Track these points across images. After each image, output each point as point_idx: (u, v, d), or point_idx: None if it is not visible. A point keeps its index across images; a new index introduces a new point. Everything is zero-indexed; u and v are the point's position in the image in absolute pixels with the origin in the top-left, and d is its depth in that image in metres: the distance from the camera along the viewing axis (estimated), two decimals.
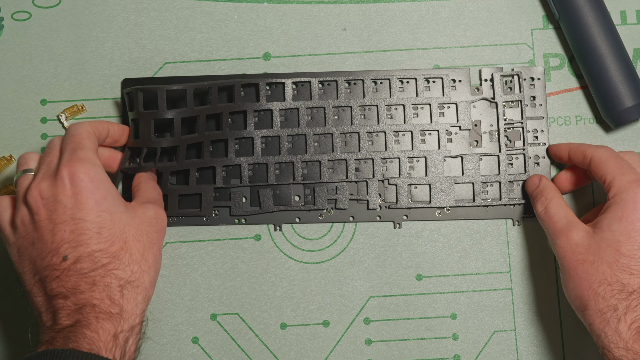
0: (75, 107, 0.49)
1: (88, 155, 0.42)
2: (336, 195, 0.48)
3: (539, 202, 0.45)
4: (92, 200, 0.40)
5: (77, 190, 0.40)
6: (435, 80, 0.48)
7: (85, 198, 0.40)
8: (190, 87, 0.45)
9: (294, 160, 0.48)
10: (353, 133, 0.48)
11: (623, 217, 0.40)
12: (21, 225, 0.41)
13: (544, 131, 0.48)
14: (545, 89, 0.49)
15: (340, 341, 0.48)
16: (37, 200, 0.40)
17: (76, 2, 0.50)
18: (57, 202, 0.40)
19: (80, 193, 0.40)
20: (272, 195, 0.48)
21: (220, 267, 0.48)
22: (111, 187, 0.42)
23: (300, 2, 0.50)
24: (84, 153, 0.41)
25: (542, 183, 0.46)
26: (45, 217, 0.40)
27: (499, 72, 0.48)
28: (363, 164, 0.48)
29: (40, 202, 0.40)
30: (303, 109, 0.48)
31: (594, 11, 0.47)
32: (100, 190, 0.41)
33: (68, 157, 0.41)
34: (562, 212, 0.43)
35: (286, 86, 0.48)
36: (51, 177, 0.41)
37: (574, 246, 0.41)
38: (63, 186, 0.40)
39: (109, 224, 0.40)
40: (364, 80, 0.48)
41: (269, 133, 0.48)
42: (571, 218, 0.43)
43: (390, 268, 0.48)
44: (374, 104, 0.48)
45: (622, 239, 0.40)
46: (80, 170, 0.40)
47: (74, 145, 0.42)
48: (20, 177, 0.43)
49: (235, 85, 0.47)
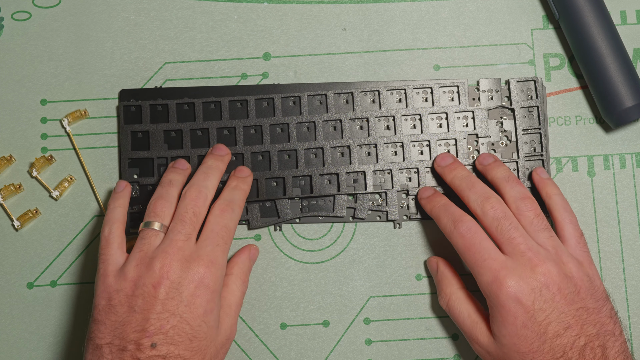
0: (79, 112, 0.49)
1: (224, 264, 0.42)
2: (355, 204, 0.48)
3: (440, 295, 0.45)
4: (202, 309, 0.40)
5: (198, 293, 0.40)
6: (445, 90, 0.48)
7: (200, 304, 0.40)
8: (197, 102, 0.48)
9: (312, 173, 0.47)
10: (371, 144, 0.48)
11: (504, 322, 0.40)
12: (130, 285, 0.40)
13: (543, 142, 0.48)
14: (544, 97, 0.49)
15: (340, 341, 0.48)
16: (162, 277, 0.39)
17: (76, 2, 0.50)
18: (177, 293, 0.39)
19: (199, 297, 0.40)
20: (290, 204, 0.48)
21: None
22: (219, 301, 0.42)
23: (300, 2, 0.50)
24: (223, 260, 0.41)
25: (439, 271, 0.46)
26: (160, 297, 0.39)
27: (514, 80, 0.48)
28: (380, 175, 0.48)
29: (165, 282, 0.39)
30: (320, 121, 0.48)
31: (594, 11, 0.47)
32: (213, 302, 0.41)
33: (210, 254, 0.41)
34: (465, 310, 0.43)
35: (302, 100, 0.48)
36: (184, 262, 0.40)
37: (486, 353, 0.42)
38: (190, 282, 0.40)
39: (202, 335, 0.40)
40: (380, 90, 0.48)
41: (284, 147, 0.47)
42: (474, 317, 0.43)
43: (390, 268, 0.48)
44: (390, 115, 0.48)
45: (515, 340, 0.39)
46: (211, 277, 0.40)
47: (219, 241, 0.42)
48: (149, 231, 0.42)
49: (222, 102, 0.48)
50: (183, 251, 0.40)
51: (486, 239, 0.42)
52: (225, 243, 0.42)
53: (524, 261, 0.40)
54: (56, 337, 0.48)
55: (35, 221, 0.49)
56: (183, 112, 0.48)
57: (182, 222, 0.42)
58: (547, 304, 0.39)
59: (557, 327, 0.39)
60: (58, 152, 0.49)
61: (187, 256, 0.40)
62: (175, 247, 0.40)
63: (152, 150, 0.48)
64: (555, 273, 0.40)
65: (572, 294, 0.40)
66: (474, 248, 0.41)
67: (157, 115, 0.48)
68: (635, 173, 0.49)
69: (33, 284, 0.48)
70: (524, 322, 0.39)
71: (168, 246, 0.41)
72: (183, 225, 0.41)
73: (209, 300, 0.40)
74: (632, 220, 0.48)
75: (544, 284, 0.40)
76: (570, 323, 0.39)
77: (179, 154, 0.47)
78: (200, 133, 0.48)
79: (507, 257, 0.41)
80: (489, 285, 0.40)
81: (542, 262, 0.40)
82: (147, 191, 0.48)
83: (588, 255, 0.43)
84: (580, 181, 0.49)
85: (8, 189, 0.48)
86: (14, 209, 0.49)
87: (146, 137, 0.48)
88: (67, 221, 0.49)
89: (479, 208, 0.43)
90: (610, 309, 0.41)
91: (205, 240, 0.41)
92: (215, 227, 0.42)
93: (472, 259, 0.41)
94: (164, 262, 0.40)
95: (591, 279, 0.41)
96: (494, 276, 0.40)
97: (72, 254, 0.48)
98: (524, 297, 0.39)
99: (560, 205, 0.44)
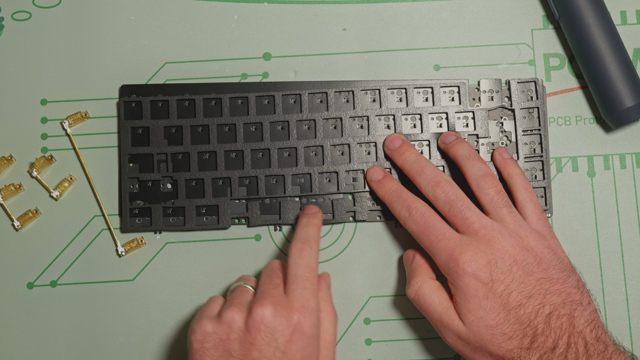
0: (79, 114, 0.49)
1: (317, 306, 0.41)
2: (354, 207, 0.48)
3: (408, 286, 0.44)
4: (299, 355, 0.39)
5: (294, 339, 0.39)
6: (446, 90, 0.48)
7: (297, 350, 0.39)
8: (198, 98, 0.48)
9: (311, 171, 0.47)
10: (371, 143, 0.48)
11: (466, 296, 0.40)
12: (226, 328, 0.39)
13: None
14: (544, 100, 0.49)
15: (340, 341, 0.48)
16: (259, 323, 0.39)
17: (76, 2, 0.50)
18: (273, 339, 0.39)
19: (295, 343, 0.39)
20: (291, 205, 0.48)
21: (220, 267, 0.48)
22: (317, 344, 0.40)
23: (300, 2, 0.50)
24: (314, 302, 0.40)
25: (414, 262, 0.45)
26: (257, 344, 0.38)
27: (514, 81, 0.48)
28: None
29: (262, 327, 0.39)
30: (320, 119, 0.48)
31: (594, 11, 0.47)
32: (311, 347, 0.40)
33: (300, 299, 0.40)
34: (436, 298, 0.42)
35: (303, 98, 0.48)
36: (279, 307, 0.39)
37: (458, 338, 0.41)
38: (286, 329, 0.39)
39: None
40: (380, 89, 0.48)
41: (284, 145, 0.47)
42: (445, 303, 0.42)
43: (390, 268, 0.48)
44: (390, 114, 0.48)
45: (481, 313, 0.40)
46: (306, 322, 0.39)
47: (306, 283, 0.41)
48: (241, 287, 0.42)
49: (223, 98, 0.48)
50: (275, 298, 0.40)
51: (440, 220, 0.43)
52: (312, 284, 0.41)
53: (479, 237, 0.41)
54: (56, 337, 0.48)
55: (35, 221, 0.49)
56: (184, 109, 0.48)
57: (268, 276, 0.42)
58: (505, 275, 0.40)
59: (518, 297, 0.39)
60: (58, 152, 0.49)
61: (279, 302, 0.40)
62: (269, 294, 0.40)
63: (152, 146, 0.48)
64: (510, 245, 0.41)
65: (531, 265, 0.40)
66: (428, 231, 0.42)
67: (157, 111, 0.48)
68: (635, 173, 0.49)
69: (33, 284, 0.48)
70: (485, 294, 0.40)
71: (262, 295, 0.40)
72: (270, 278, 0.42)
73: (305, 346, 0.39)
74: (632, 220, 0.48)
75: (499, 256, 0.40)
76: (532, 292, 0.40)
77: (179, 149, 0.48)
78: (200, 129, 0.48)
79: (461, 236, 0.42)
80: (446, 264, 0.41)
81: (497, 237, 0.41)
82: (146, 187, 0.48)
83: (550, 230, 0.43)
84: (580, 181, 0.49)
85: (8, 189, 0.48)
86: (14, 209, 0.49)
87: (146, 133, 0.48)
88: (67, 221, 0.49)
89: (430, 193, 0.43)
90: (577, 280, 0.41)
91: (291, 285, 0.41)
92: (297, 270, 0.41)
93: (427, 241, 0.42)
94: (262, 308, 0.39)
95: (554, 251, 0.42)
96: (450, 254, 0.41)
97: (72, 254, 0.48)
98: (480, 270, 0.40)
99: (521, 185, 0.45)
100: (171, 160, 0.48)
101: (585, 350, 0.38)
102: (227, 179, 0.48)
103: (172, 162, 0.48)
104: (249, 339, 0.39)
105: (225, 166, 0.48)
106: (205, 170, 0.48)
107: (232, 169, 0.48)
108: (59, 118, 0.49)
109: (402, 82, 0.48)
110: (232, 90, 0.48)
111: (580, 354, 0.38)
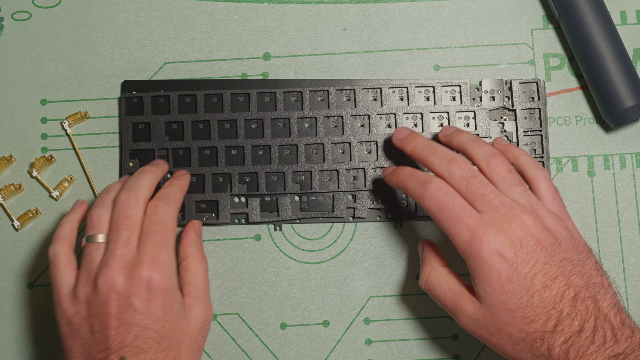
0: (79, 114, 0.49)
1: (170, 258, 0.40)
2: (354, 204, 0.48)
3: (420, 276, 0.43)
4: (161, 310, 0.39)
5: (151, 297, 0.39)
6: (447, 89, 0.48)
7: (157, 307, 0.39)
8: (199, 94, 0.48)
9: (312, 169, 0.47)
10: (372, 141, 0.48)
11: (488, 280, 0.38)
12: (84, 306, 0.39)
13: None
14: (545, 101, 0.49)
15: (340, 341, 0.48)
16: (109, 293, 0.39)
17: (76, 2, 0.50)
18: (129, 304, 0.39)
19: (153, 300, 0.39)
20: (290, 203, 0.48)
21: (220, 267, 0.48)
22: (177, 293, 0.41)
23: (300, 2, 0.50)
24: (167, 255, 0.40)
25: (424, 252, 0.44)
26: (113, 313, 0.38)
27: (516, 81, 0.48)
28: (381, 173, 0.47)
29: (112, 296, 0.38)
30: (321, 117, 0.48)
31: (594, 11, 0.47)
32: (170, 299, 0.40)
33: (150, 254, 0.40)
34: (445, 284, 0.41)
35: (304, 95, 0.48)
36: (127, 271, 0.39)
37: (474, 321, 0.39)
38: (139, 289, 0.39)
39: (169, 333, 0.39)
40: (382, 88, 0.48)
41: (285, 142, 0.48)
42: (456, 289, 0.41)
43: (390, 268, 0.48)
44: (391, 113, 0.48)
45: (502, 297, 0.38)
46: (159, 276, 0.39)
47: (160, 239, 0.40)
48: (91, 245, 0.41)
49: (224, 94, 0.48)
50: (124, 259, 0.40)
51: (458, 197, 0.40)
52: (165, 237, 0.41)
53: (499, 216, 0.39)
54: (56, 337, 0.47)
55: (35, 221, 0.49)
56: (185, 104, 0.48)
57: (117, 229, 0.41)
58: (530, 255, 0.38)
59: (543, 279, 0.38)
60: (58, 152, 0.49)
61: (128, 263, 0.40)
62: (115, 257, 0.40)
63: (153, 142, 0.48)
64: (532, 224, 0.39)
65: (553, 245, 0.39)
66: (447, 208, 0.40)
67: (158, 107, 0.48)
68: (635, 173, 0.49)
69: (33, 284, 0.48)
70: (509, 277, 0.38)
71: (109, 258, 0.40)
72: (119, 233, 0.40)
73: (165, 299, 0.39)
74: (632, 220, 0.48)
75: (522, 235, 0.38)
76: (557, 274, 0.38)
77: (180, 145, 0.48)
78: (201, 125, 0.48)
79: (481, 214, 0.39)
80: (468, 244, 0.38)
81: (518, 215, 0.39)
82: None
83: (565, 211, 0.42)
84: (580, 181, 0.49)
85: (8, 189, 0.48)
86: (14, 209, 0.49)
87: (147, 129, 0.48)
88: None
89: (445, 170, 0.41)
90: (595, 262, 0.39)
91: (143, 241, 0.41)
92: (150, 225, 0.41)
93: (446, 220, 0.40)
94: (106, 277, 0.39)
95: (571, 232, 0.40)
96: (472, 233, 0.38)
97: None
98: (506, 250, 0.38)
99: (531, 164, 0.43)
100: (172, 156, 0.48)
101: (612, 334, 0.37)
102: (227, 175, 0.48)
103: (173, 158, 0.48)
104: (106, 311, 0.38)
105: (225, 162, 0.48)
106: (206, 165, 0.48)
107: (232, 165, 0.48)
108: (59, 118, 0.49)
109: (403, 81, 0.48)
110: (233, 86, 0.48)
111: (607, 338, 0.37)
